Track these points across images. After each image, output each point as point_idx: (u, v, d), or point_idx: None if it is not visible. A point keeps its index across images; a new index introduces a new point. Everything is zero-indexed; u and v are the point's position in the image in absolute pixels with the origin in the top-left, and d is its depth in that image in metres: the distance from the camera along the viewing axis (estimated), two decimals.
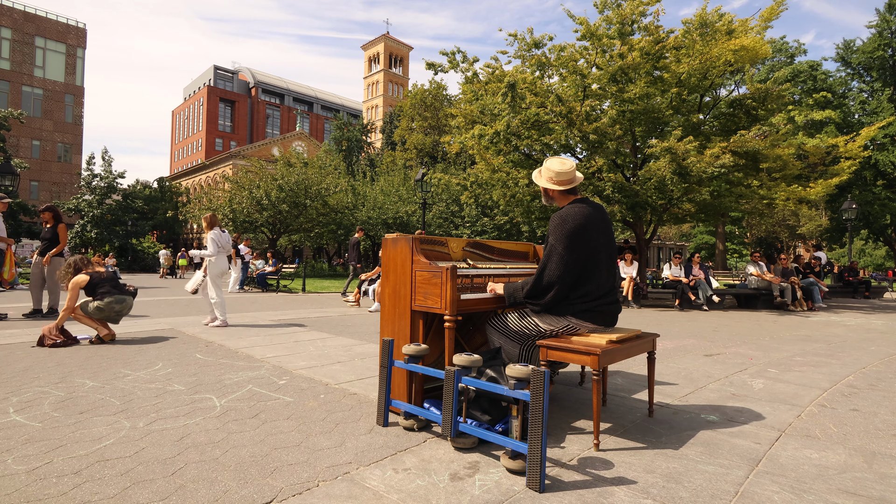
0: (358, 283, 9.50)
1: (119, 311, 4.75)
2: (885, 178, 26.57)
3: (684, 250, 39.67)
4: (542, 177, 2.52)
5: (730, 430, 2.41)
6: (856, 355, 4.60)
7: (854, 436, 2.38)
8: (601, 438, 2.25)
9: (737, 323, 7.24)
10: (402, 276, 2.47)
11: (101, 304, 4.62)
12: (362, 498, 1.66)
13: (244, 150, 48.61)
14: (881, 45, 26.20)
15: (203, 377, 3.29)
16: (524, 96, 9.37)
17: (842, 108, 26.59)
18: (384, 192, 27.73)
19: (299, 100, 74.55)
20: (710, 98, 10.89)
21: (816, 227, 32.99)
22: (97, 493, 1.64)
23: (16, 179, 13.25)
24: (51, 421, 2.35)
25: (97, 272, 4.82)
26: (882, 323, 7.41)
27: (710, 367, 3.93)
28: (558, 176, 2.45)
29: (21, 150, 34.92)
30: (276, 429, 2.31)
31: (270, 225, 24.32)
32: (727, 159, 8.56)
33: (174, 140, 72.93)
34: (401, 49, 73.29)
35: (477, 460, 2.00)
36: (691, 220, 13.40)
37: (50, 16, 37.10)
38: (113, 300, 4.67)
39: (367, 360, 3.95)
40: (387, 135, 48.03)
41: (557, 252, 2.30)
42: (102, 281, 4.76)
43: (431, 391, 2.67)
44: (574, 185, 2.48)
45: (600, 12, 9.84)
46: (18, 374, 3.25)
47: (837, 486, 1.82)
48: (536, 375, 1.74)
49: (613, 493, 1.73)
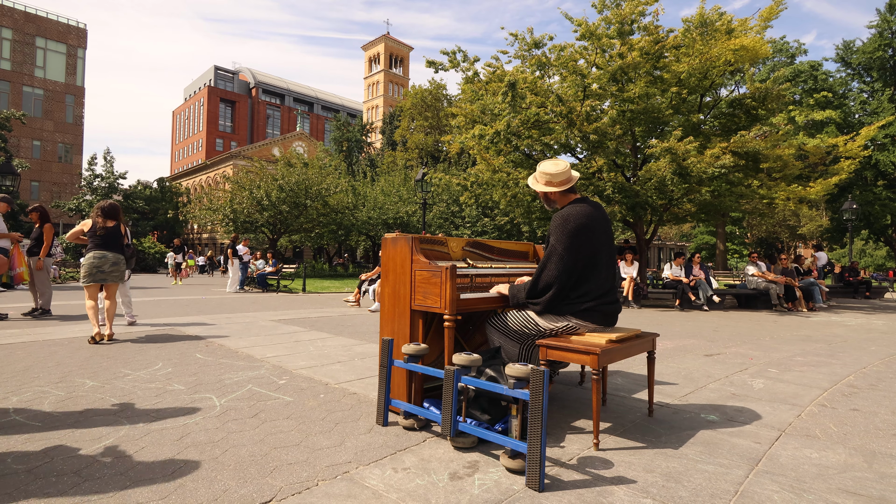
0: (358, 283, 9.51)
1: (100, 268, 4.58)
2: (886, 179, 26.56)
3: (685, 250, 39.65)
4: (538, 182, 2.50)
5: (730, 430, 2.41)
6: (856, 355, 4.60)
7: (854, 435, 2.38)
8: (601, 438, 2.25)
9: (737, 323, 7.23)
10: (402, 275, 2.47)
11: (83, 262, 4.53)
12: (361, 497, 1.66)
13: (245, 151, 48.66)
14: (881, 45, 26.20)
15: (203, 377, 3.29)
16: (524, 96, 9.37)
17: (842, 108, 26.59)
18: (384, 192, 27.73)
19: (300, 100, 74.60)
20: (710, 98, 10.89)
21: (817, 228, 32.99)
22: (97, 492, 1.64)
23: (16, 180, 13.27)
24: (50, 420, 2.35)
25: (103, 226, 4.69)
26: (883, 323, 7.40)
27: (710, 367, 3.93)
28: (555, 177, 2.45)
29: (22, 151, 34.94)
30: (276, 428, 2.31)
31: (271, 225, 24.34)
32: (727, 159, 8.56)
33: (175, 140, 72.99)
34: (401, 49, 73.31)
35: (476, 460, 2.00)
36: (692, 221, 13.40)
37: (51, 16, 37.13)
38: (91, 256, 4.56)
39: (367, 360, 3.95)
40: (387, 135, 48.05)
41: (557, 252, 2.30)
42: (95, 235, 4.65)
43: (431, 391, 2.67)
44: (572, 184, 2.47)
45: (599, 12, 9.84)
46: (18, 374, 3.25)
47: (837, 485, 1.82)
48: (536, 375, 1.74)
49: (613, 492, 1.73)
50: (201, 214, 24.61)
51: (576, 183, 2.51)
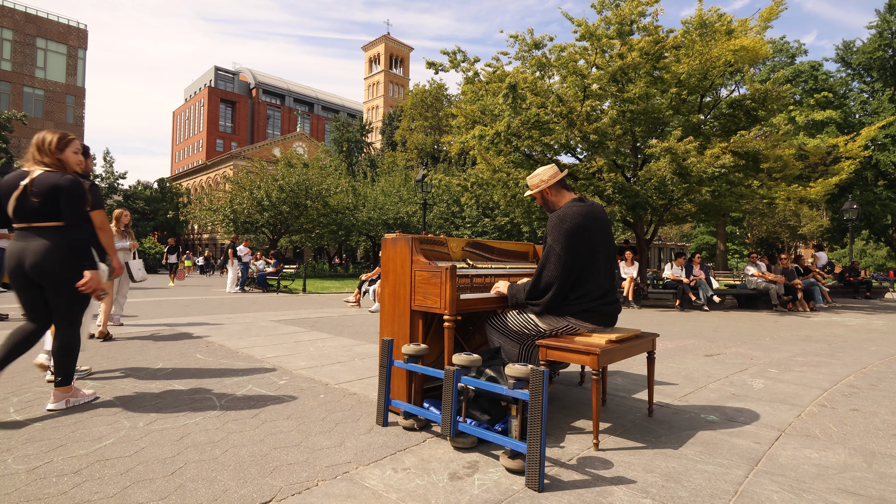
0: (358, 284, 9.51)
1: None
2: (886, 179, 26.55)
3: (685, 251, 39.62)
4: (532, 188, 2.57)
5: (729, 430, 2.41)
6: (856, 355, 4.60)
7: (854, 435, 2.38)
8: (601, 438, 2.25)
9: (737, 323, 7.23)
10: (402, 276, 2.48)
11: None
12: (361, 497, 1.66)
13: (245, 151, 48.68)
14: (881, 45, 26.19)
15: (203, 377, 3.29)
16: (525, 96, 9.38)
17: (843, 109, 26.58)
18: (385, 192, 27.73)
19: (300, 100, 74.65)
20: (710, 98, 10.89)
21: (817, 228, 32.95)
22: (97, 492, 1.65)
23: None
24: (51, 421, 2.35)
25: None
26: (883, 323, 7.40)
27: (710, 367, 3.93)
28: (533, 178, 2.54)
29: (23, 151, 34.92)
30: (276, 428, 2.31)
31: (271, 225, 24.34)
32: (727, 160, 8.55)
33: (175, 141, 73.03)
34: (401, 50, 73.34)
35: (476, 460, 2.00)
36: (692, 221, 13.39)
37: (51, 17, 37.16)
38: None
39: (367, 360, 3.95)
40: (387, 135, 48.07)
41: (555, 252, 2.30)
42: None
43: (431, 391, 2.67)
44: (559, 178, 2.51)
45: (599, 13, 9.85)
46: (19, 374, 3.26)
47: (837, 485, 1.82)
48: (536, 375, 1.74)
49: (613, 492, 1.73)
50: (201, 215, 24.63)
51: (565, 177, 2.57)
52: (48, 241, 2.46)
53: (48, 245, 2.45)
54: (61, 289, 2.52)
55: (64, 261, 2.48)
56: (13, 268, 2.49)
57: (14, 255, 2.48)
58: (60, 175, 2.51)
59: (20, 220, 2.49)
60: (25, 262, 2.45)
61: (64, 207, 2.48)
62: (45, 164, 2.55)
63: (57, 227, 2.49)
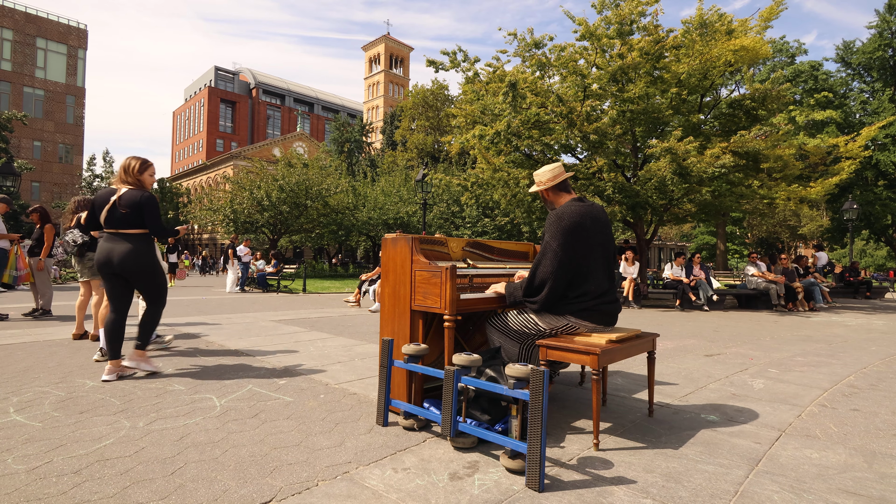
0: (358, 284, 9.51)
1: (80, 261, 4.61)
2: (887, 179, 26.55)
3: (685, 251, 39.63)
4: (537, 185, 2.59)
5: (730, 430, 2.41)
6: (856, 355, 4.59)
7: (854, 435, 2.38)
8: (601, 438, 2.25)
9: (737, 323, 7.23)
10: (402, 275, 2.47)
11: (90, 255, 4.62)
12: (361, 497, 1.66)
13: (245, 151, 48.68)
14: (881, 45, 26.20)
15: (203, 377, 3.29)
16: (525, 96, 9.38)
17: (843, 108, 26.59)
18: (385, 192, 27.71)
19: (300, 100, 74.66)
20: (710, 98, 10.89)
21: (817, 228, 32.96)
22: (97, 492, 1.64)
23: (17, 180, 13.29)
24: (51, 421, 2.35)
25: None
26: (883, 323, 7.40)
27: (710, 367, 3.93)
28: (541, 176, 2.54)
29: (23, 151, 34.96)
30: (276, 428, 2.31)
31: (271, 225, 24.33)
32: (727, 159, 8.55)
33: (175, 141, 73.04)
34: (401, 50, 73.33)
35: (476, 460, 2.00)
36: (692, 221, 13.39)
37: (51, 17, 37.16)
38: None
39: (367, 360, 3.95)
40: (387, 135, 48.05)
41: (552, 249, 2.30)
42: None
43: (431, 391, 2.67)
44: (561, 180, 2.51)
45: (599, 12, 9.84)
46: (19, 374, 3.26)
47: (837, 485, 1.82)
48: (536, 375, 1.74)
49: (613, 492, 1.73)
50: (202, 215, 24.63)
51: (569, 180, 2.57)
52: (132, 244, 3.21)
53: (132, 248, 3.21)
54: (145, 279, 3.31)
55: (146, 258, 3.25)
56: (103, 262, 3.19)
57: (104, 252, 3.20)
58: (141, 193, 3.25)
59: (110, 226, 3.22)
60: (114, 260, 3.17)
61: (147, 218, 3.24)
62: (129, 184, 3.29)
63: (141, 233, 3.25)
